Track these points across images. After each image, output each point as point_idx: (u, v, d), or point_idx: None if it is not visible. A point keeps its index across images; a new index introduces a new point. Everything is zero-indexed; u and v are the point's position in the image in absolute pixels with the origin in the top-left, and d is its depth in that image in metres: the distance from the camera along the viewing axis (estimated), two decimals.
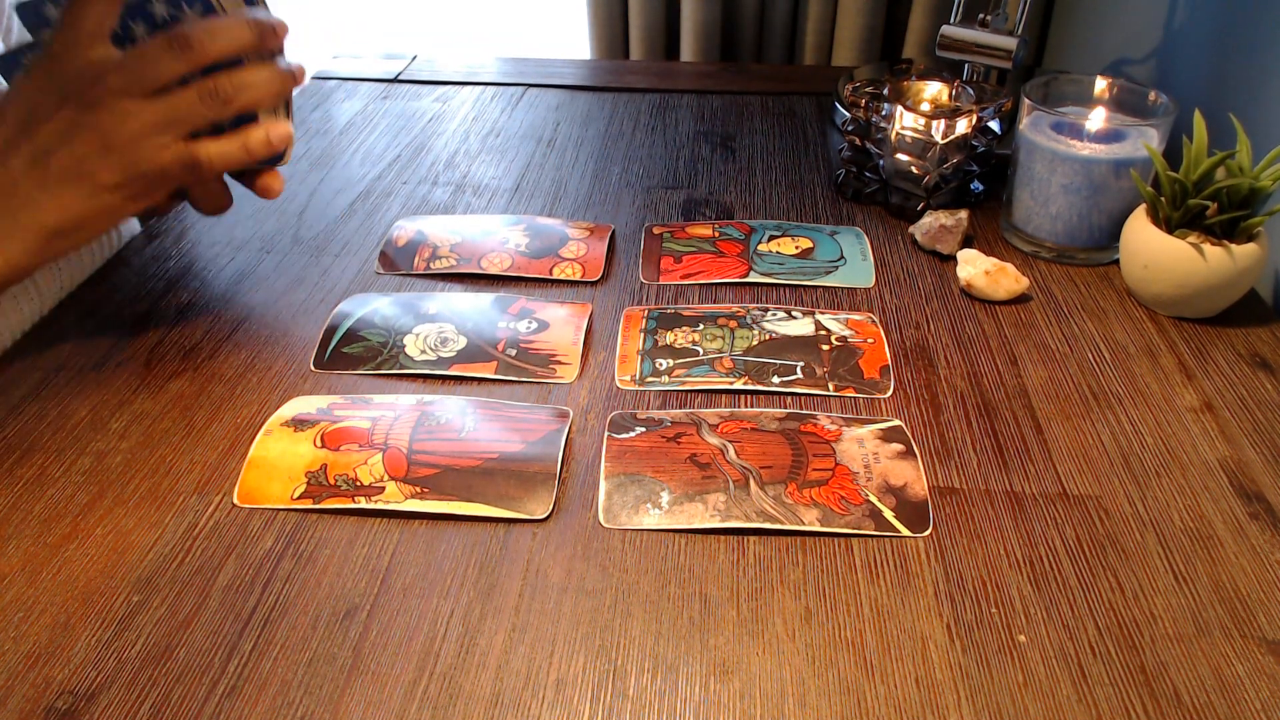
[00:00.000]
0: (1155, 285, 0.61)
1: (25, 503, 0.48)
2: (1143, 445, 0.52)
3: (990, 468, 0.50)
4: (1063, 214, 0.67)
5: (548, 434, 0.52)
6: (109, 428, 0.53)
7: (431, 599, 0.43)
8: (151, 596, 0.43)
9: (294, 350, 0.59)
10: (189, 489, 0.49)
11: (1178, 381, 0.56)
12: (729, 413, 0.54)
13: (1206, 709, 0.39)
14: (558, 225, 0.72)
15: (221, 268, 0.68)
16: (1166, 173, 0.59)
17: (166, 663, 0.40)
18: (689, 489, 0.48)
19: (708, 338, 0.59)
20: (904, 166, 0.71)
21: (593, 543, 0.46)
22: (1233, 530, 0.47)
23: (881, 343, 0.59)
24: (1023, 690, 0.39)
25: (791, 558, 0.45)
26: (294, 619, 0.42)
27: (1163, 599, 0.43)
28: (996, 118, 0.72)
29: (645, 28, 1.20)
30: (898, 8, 1.17)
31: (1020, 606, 0.43)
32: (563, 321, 0.61)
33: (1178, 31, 0.83)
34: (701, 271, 0.67)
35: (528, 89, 0.98)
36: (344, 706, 0.39)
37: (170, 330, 0.61)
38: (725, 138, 0.87)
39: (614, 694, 0.39)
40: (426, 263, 0.67)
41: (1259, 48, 0.70)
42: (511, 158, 0.84)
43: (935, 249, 0.68)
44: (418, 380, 0.57)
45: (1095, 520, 0.47)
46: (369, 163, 0.83)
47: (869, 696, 0.39)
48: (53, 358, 0.58)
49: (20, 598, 0.43)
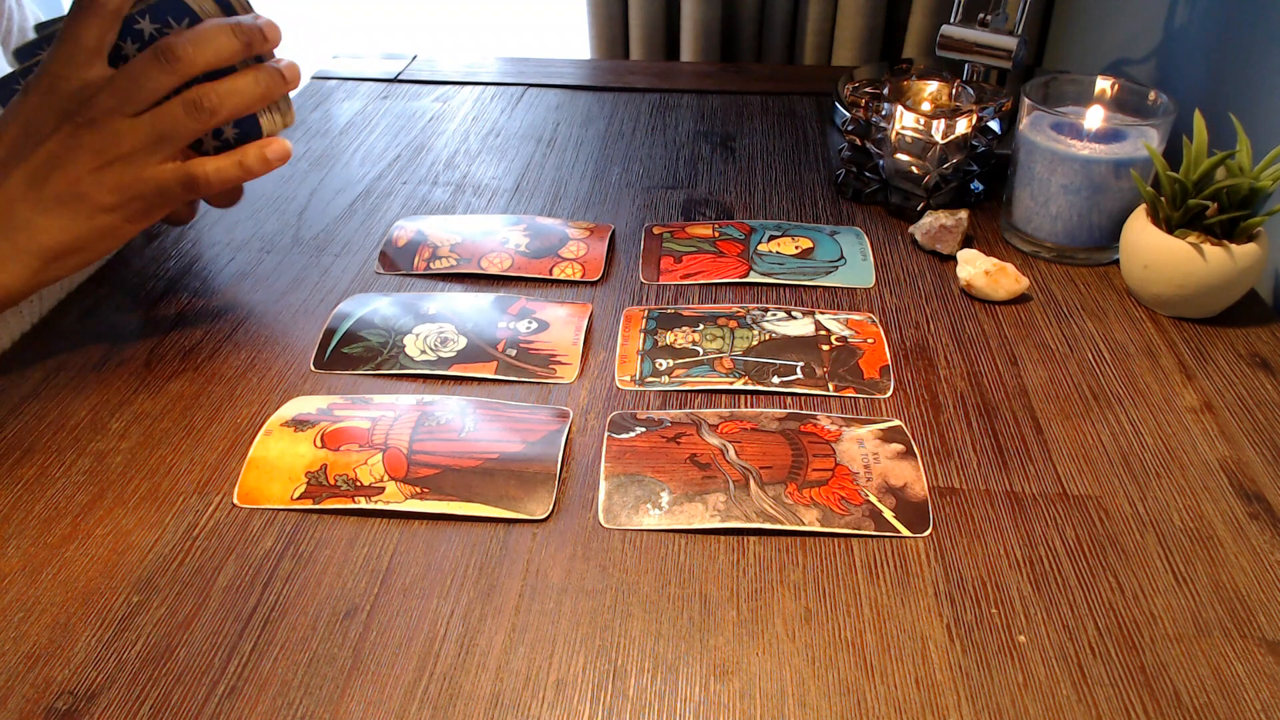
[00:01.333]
0: (1155, 285, 0.61)
1: (25, 503, 0.48)
2: (1143, 445, 0.52)
3: (990, 468, 0.50)
4: (1063, 214, 0.67)
5: (548, 434, 0.52)
6: (109, 428, 0.53)
7: (431, 599, 0.43)
8: (151, 597, 0.43)
9: (294, 350, 0.59)
10: (189, 489, 0.49)
11: (1178, 381, 0.56)
12: (729, 413, 0.54)
13: (1206, 709, 0.39)
14: (558, 225, 0.72)
15: (221, 268, 0.68)
16: (1166, 173, 0.59)
17: (166, 663, 0.40)
18: (689, 489, 0.48)
19: (708, 338, 0.59)
20: (904, 166, 0.71)
21: (593, 543, 0.46)
22: (1233, 530, 0.47)
23: (881, 343, 0.59)
24: (1023, 690, 0.39)
25: (791, 558, 0.45)
26: (294, 619, 0.42)
27: (1163, 599, 0.43)
28: (996, 118, 0.72)
29: (645, 28, 1.20)
30: (898, 8, 1.17)
31: (1020, 606, 0.43)
32: (563, 321, 0.61)
33: (1178, 31, 0.83)
34: (701, 271, 0.67)
35: (528, 89, 0.98)
36: (344, 707, 0.39)
37: (170, 330, 0.61)
38: (725, 138, 0.87)
39: (614, 694, 0.39)
40: (426, 263, 0.67)
41: (1259, 48, 0.70)
42: (511, 158, 0.84)
43: (935, 249, 0.68)
44: (418, 380, 0.57)
45: (1095, 520, 0.47)
46: (369, 163, 0.83)
47: (869, 696, 0.39)
48: (53, 358, 0.58)
49: (20, 598, 0.43)
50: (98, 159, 0.51)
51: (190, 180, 0.53)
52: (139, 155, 0.51)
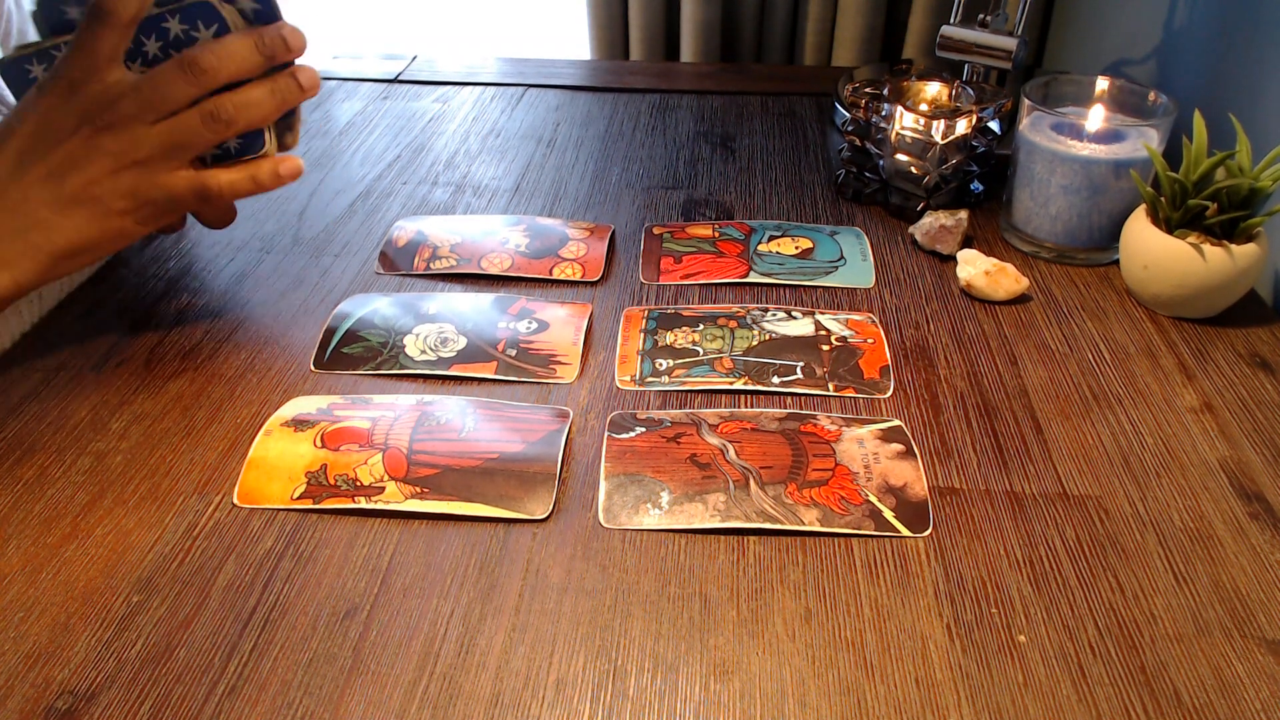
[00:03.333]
0: (1155, 285, 0.61)
1: (25, 503, 0.48)
2: (1143, 445, 0.52)
3: (990, 468, 0.50)
4: (1063, 214, 0.67)
5: (548, 434, 0.52)
6: (109, 428, 0.53)
7: (431, 599, 0.43)
8: (151, 596, 0.43)
9: (294, 350, 0.59)
10: (189, 489, 0.49)
11: (1178, 381, 0.56)
12: (729, 413, 0.54)
13: (1206, 709, 0.39)
14: (558, 225, 0.72)
15: (221, 268, 0.68)
16: (1166, 173, 0.59)
17: (166, 663, 0.40)
18: (689, 489, 0.48)
19: (708, 338, 0.59)
20: (904, 166, 0.71)
21: (593, 543, 0.46)
22: (1233, 530, 0.47)
23: (881, 343, 0.59)
24: (1023, 690, 0.39)
25: (791, 558, 0.45)
26: (294, 619, 0.42)
27: (1163, 599, 0.43)
28: (996, 118, 0.72)
29: (645, 28, 1.20)
30: (898, 8, 1.17)
31: (1020, 606, 0.43)
32: (563, 322, 0.61)
33: (1178, 31, 0.83)
34: (701, 272, 0.67)
35: (528, 89, 0.98)
36: (344, 706, 0.39)
37: (170, 330, 0.61)
38: (725, 138, 0.87)
39: (614, 694, 0.39)
40: (426, 263, 0.67)
41: (1259, 48, 0.70)
42: (511, 158, 0.84)
43: (935, 249, 0.68)
44: (418, 380, 0.57)
45: (1095, 520, 0.47)
46: (369, 163, 0.83)
47: (869, 696, 0.39)
48: (53, 358, 0.58)
49: (20, 598, 0.43)
50: (115, 163, 0.51)
51: (203, 190, 0.54)
52: (155, 161, 0.52)
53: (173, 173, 0.53)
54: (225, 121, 0.52)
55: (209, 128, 0.52)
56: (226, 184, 0.54)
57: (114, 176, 0.51)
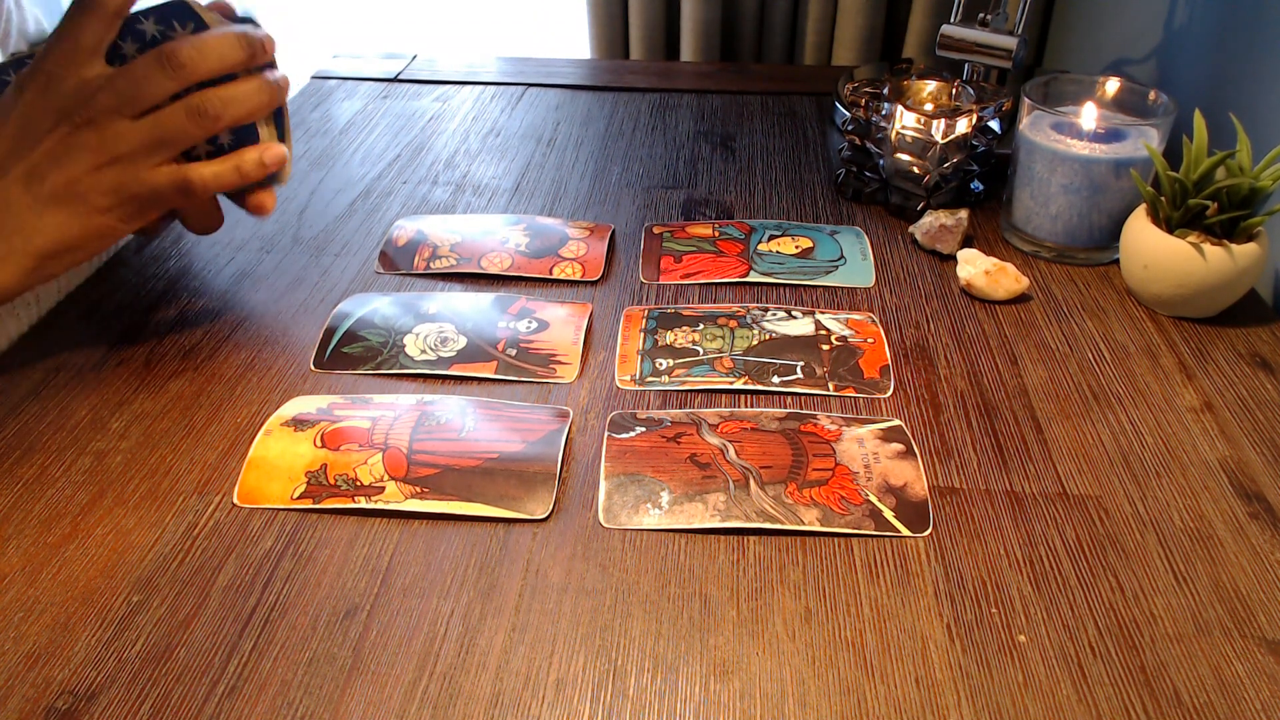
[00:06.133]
0: (1155, 285, 0.61)
1: (25, 503, 0.48)
2: (1143, 445, 0.52)
3: (990, 468, 0.50)
4: (1063, 214, 0.67)
5: (548, 434, 0.52)
6: (109, 428, 0.53)
7: (431, 599, 0.43)
8: (151, 596, 0.43)
9: (294, 350, 0.59)
10: (189, 489, 0.49)
11: (1178, 381, 0.56)
12: (729, 413, 0.54)
13: (1206, 709, 0.39)
14: (558, 225, 0.72)
15: (221, 268, 0.68)
16: (1166, 173, 0.59)
17: (166, 663, 0.40)
18: (689, 489, 0.48)
19: (708, 337, 0.59)
20: (904, 166, 0.71)
21: (593, 543, 0.46)
22: (1233, 530, 0.47)
23: (881, 343, 0.59)
24: (1023, 690, 0.39)
25: (791, 558, 0.45)
26: (294, 619, 0.42)
27: (1163, 599, 0.43)
28: (996, 117, 0.72)
29: (645, 28, 1.20)
30: (898, 8, 1.17)
31: (1020, 606, 0.43)
32: (563, 321, 0.61)
33: (1178, 31, 0.83)
34: (701, 271, 0.67)
35: (528, 89, 0.98)
36: (344, 706, 0.39)
37: (170, 330, 0.61)
38: (725, 138, 0.87)
39: (614, 694, 0.39)
40: (426, 262, 0.67)
41: (1259, 48, 0.70)
42: (511, 157, 0.84)
43: (935, 249, 0.68)
44: (418, 380, 0.57)
45: (1095, 520, 0.47)
46: (369, 162, 0.83)
47: (869, 696, 0.39)
48: (53, 358, 0.58)
49: (20, 598, 0.43)
50: (96, 159, 0.50)
51: (186, 184, 0.53)
52: (137, 157, 0.51)
53: (155, 169, 0.52)
54: (212, 116, 0.51)
55: (195, 123, 0.51)
56: (210, 176, 0.53)
57: (95, 173, 0.51)
